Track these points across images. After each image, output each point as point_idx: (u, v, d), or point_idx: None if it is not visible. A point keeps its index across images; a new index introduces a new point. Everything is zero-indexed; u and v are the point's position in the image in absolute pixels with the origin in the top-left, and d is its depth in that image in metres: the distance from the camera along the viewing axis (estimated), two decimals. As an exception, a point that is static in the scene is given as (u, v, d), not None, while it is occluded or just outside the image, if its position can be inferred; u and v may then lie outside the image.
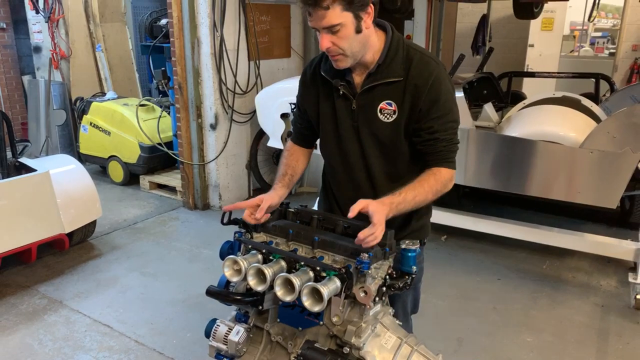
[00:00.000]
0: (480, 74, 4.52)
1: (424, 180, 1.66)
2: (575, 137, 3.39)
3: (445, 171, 1.69)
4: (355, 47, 1.60)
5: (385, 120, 1.69)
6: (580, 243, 3.61)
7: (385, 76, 1.66)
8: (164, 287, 3.59)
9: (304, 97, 1.88)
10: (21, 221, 3.50)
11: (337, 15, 1.51)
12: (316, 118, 1.84)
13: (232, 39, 4.74)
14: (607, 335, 3.07)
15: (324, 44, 1.57)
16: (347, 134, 1.76)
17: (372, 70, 1.67)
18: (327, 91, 1.77)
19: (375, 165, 1.76)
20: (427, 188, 1.64)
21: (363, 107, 1.71)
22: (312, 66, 1.84)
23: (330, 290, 1.46)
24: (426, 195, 1.64)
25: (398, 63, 1.65)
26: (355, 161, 1.79)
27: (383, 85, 1.67)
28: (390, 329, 1.64)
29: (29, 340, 2.97)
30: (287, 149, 1.99)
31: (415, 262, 1.63)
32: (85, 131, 5.89)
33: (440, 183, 1.68)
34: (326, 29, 1.55)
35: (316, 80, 1.80)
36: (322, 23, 1.53)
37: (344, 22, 1.53)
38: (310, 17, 1.55)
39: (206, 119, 4.82)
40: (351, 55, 1.62)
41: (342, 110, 1.75)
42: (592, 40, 10.37)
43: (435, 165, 1.70)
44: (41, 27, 6.39)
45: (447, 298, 3.45)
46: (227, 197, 5.10)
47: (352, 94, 1.72)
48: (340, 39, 1.56)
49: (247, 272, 1.57)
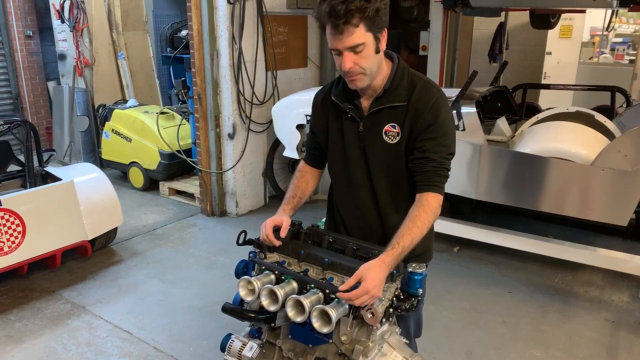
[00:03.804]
0: (494, 88, 4.55)
1: (416, 218, 1.69)
2: (586, 155, 3.42)
3: (432, 198, 1.73)
4: (374, 66, 1.71)
5: (390, 142, 1.80)
6: (592, 258, 3.63)
7: (391, 100, 1.77)
8: (181, 294, 3.71)
9: (315, 120, 2.01)
10: (47, 228, 3.65)
11: (362, 35, 1.62)
12: (325, 140, 1.96)
13: (250, 51, 4.85)
14: (616, 351, 3.09)
15: (347, 64, 1.66)
16: (354, 154, 1.87)
17: (379, 94, 1.79)
18: (337, 114, 1.90)
19: (380, 185, 1.86)
20: (420, 225, 1.69)
21: (370, 129, 1.82)
22: (323, 92, 1.97)
23: (339, 312, 1.55)
24: (421, 231, 1.69)
25: (402, 89, 1.77)
26: (361, 181, 1.89)
27: (388, 109, 1.78)
28: (396, 349, 1.72)
29: (53, 344, 3.12)
30: (299, 169, 2.09)
31: (421, 285, 1.70)
32: (107, 137, 6.07)
33: (431, 213, 1.72)
34: (350, 48, 1.64)
35: (326, 105, 1.93)
36: (348, 42, 1.62)
37: (366, 41, 1.63)
38: (335, 37, 1.63)
39: (224, 128, 4.94)
40: (369, 75, 1.71)
41: (350, 132, 1.86)
42: (613, 46, 10.25)
43: (423, 189, 1.75)
44: (66, 36, 6.60)
45: (457, 311, 3.50)
46: (244, 204, 5.21)
47: (359, 116, 1.83)
48: (361, 59, 1.66)
49: (261, 292, 1.66)
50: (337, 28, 1.61)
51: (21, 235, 3.50)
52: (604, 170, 3.24)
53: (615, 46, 10.07)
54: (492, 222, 4.11)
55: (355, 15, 1.58)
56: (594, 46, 9.83)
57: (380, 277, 1.55)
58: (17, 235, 3.48)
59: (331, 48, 1.68)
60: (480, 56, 7.54)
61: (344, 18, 1.58)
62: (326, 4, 1.60)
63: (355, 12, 1.58)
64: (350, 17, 1.58)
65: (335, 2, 1.58)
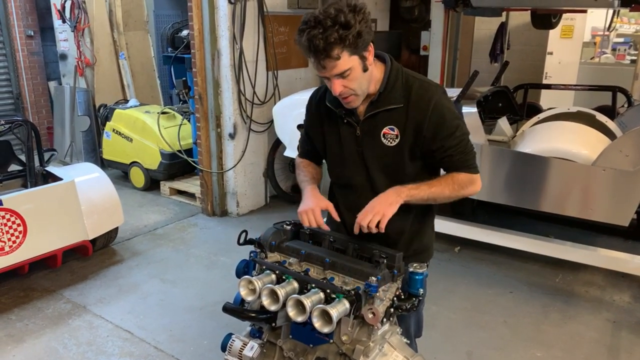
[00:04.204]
0: (495, 88, 4.55)
1: (441, 178, 1.78)
2: (587, 155, 3.41)
3: (463, 175, 1.79)
4: (364, 85, 1.71)
5: (389, 144, 1.79)
6: (594, 258, 3.63)
7: (387, 103, 1.76)
8: (182, 294, 3.71)
9: (310, 124, 2.01)
10: (48, 228, 3.66)
11: (346, 61, 1.61)
12: (322, 145, 1.96)
13: (251, 51, 4.85)
14: (617, 352, 3.09)
15: (337, 89, 1.67)
16: (352, 158, 1.87)
17: (374, 98, 1.77)
18: (333, 119, 1.88)
19: (381, 186, 1.84)
20: (443, 184, 1.76)
21: (367, 133, 1.82)
22: (318, 96, 1.95)
23: (340, 312, 1.54)
24: (442, 189, 1.76)
25: (398, 90, 1.76)
26: (361, 183, 1.89)
27: (385, 112, 1.78)
28: (397, 349, 1.72)
29: (54, 344, 3.12)
30: (301, 162, 2.10)
31: (422, 285, 1.70)
32: (108, 137, 6.07)
33: (457, 183, 1.78)
34: (336, 75, 1.64)
35: (321, 109, 1.91)
36: (334, 72, 1.63)
37: (352, 66, 1.62)
38: (321, 67, 1.63)
39: (225, 128, 4.94)
40: (361, 94, 1.73)
41: (347, 136, 1.85)
42: (614, 46, 10.23)
43: (454, 170, 1.81)
44: (67, 36, 6.60)
45: (458, 311, 3.49)
46: (245, 204, 5.21)
47: (356, 121, 1.82)
48: (350, 81, 1.66)
49: (261, 292, 1.66)
50: (320, 62, 1.61)
51: (22, 235, 3.50)
52: (605, 170, 3.24)
53: (617, 46, 10.05)
54: (493, 222, 4.10)
55: (336, 47, 1.56)
56: (595, 46, 9.81)
57: (389, 199, 1.67)
58: (18, 235, 3.48)
59: (318, 74, 1.68)
60: (481, 56, 7.53)
61: (324, 53, 1.57)
62: (305, 37, 1.57)
63: (335, 45, 1.55)
64: (330, 50, 1.56)
65: (313, 35, 1.55)
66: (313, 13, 1.58)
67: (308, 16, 1.59)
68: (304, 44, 1.58)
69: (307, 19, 1.58)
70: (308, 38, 1.56)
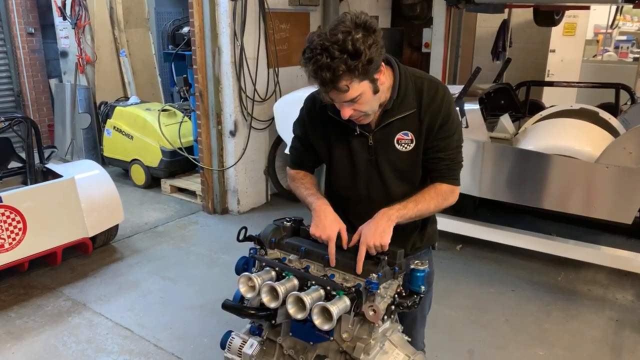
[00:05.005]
0: (497, 85, 4.52)
1: (425, 192, 1.74)
2: (591, 152, 3.39)
3: (445, 186, 1.76)
4: (375, 105, 1.63)
5: (403, 150, 1.73)
6: (596, 256, 3.61)
7: (401, 111, 1.69)
8: (183, 291, 3.69)
9: (309, 135, 1.86)
10: (48, 225, 3.64)
11: (356, 89, 1.51)
12: (327, 156, 1.84)
13: (252, 48, 4.83)
14: (620, 350, 3.06)
15: (346, 113, 1.58)
16: (364, 167, 1.78)
17: (388, 106, 1.69)
18: (339, 130, 1.76)
19: (396, 191, 1.79)
20: (427, 198, 1.72)
21: (380, 142, 1.74)
22: (317, 107, 1.78)
23: (340, 309, 1.52)
24: (428, 204, 1.71)
25: (410, 95, 1.69)
26: (375, 189, 1.81)
27: (399, 119, 1.70)
28: (398, 346, 1.70)
29: (53, 341, 3.10)
30: (296, 174, 1.96)
31: (424, 282, 1.68)
32: (109, 135, 6.05)
33: (440, 195, 1.74)
34: (346, 102, 1.55)
35: (324, 118, 1.76)
36: (342, 99, 1.54)
37: (363, 90, 1.53)
38: (327, 95, 1.55)
39: (226, 126, 4.92)
40: (372, 113, 1.65)
41: (359, 146, 1.76)
42: (617, 44, 10.19)
43: (438, 180, 1.77)
44: (68, 33, 6.59)
45: (459, 309, 3.47)
46: (246, 202, 5.19)
47: (367, 131, 1.73)
48: (361, 105, 1.57)
49: (261, 289, 1.64)
50: (327, 93, 1.53)
51: (22, 232, 3.49)
52: (609, 167, 3.21)
53: (619, 44, 10.00)
54: (494, 220, 4.09)
55: (344, 79, 1.45)
56: (597, 44, 9.77)
57: (380, 226, 1.61)
58: (17, 232, 3.47)
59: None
60: (483, 54, 7.49)
61: (331, 85, 1.47)
62: (311, 66, 1.45)
63: (343, 77, 1.45)
64: (337, 82, 1.46)
65: (319, 65, 1.43)
66: (320, 36, 1.45)
67: (314, 40, 1.45)
68: (310, 73, 1.47)
69: (313, 44, 1.45)
70: (315, 69, 1.45)
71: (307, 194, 1.85)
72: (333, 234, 1.67)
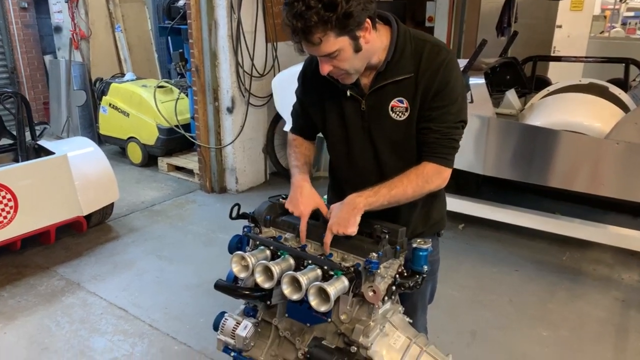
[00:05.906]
0: (503, 59, 4.38)
1: (404, 175, 1.58)
2: (600, 128, 3.27)
3: (430, 166, 1.59)
4: (357, 64, 1.51)
5: (398, 119, 1.60)
6: (602, 235, 3.52)
7: (396, 74, 1.56)
8: (179, 271, 3.62)
9: (306, 96, 1.79)
10: (40, 203, 3.55)
11: (332, 43, 1.41)
12: (322, 121, 1.75)
13: (249, 21, 4.67)
14: (626, 331, 2.99)
15: (324, 69, 1.50)
16: (357, 135, 1.68)
17: (381, 68, 1.57)
18: (332, 93, 1.66)
19: (389, 165, 1.68)
20: (405, 182, 1.57)
21: (373, 107, 1.62)
22: (313, 64, 1.69)
23: (338, 290, 1.43)
24: (404, 189, 1.56)
25: (407, 58, 1.55)
26: (368, 162, 1.71)
27: (393, 84, 1.58)
28: (399, 329, 1.61)
29: (47, 321, 3.04)
30: (293, 140, 1.92)
31: (426, 262, 1.58)
32: (105, 112, 5.93)
33: (421, 177, 1.58)
34: (323, 56, 1.46)
35: (318, 80, 1.65)
36: (318, 53, 1.45)
37: (340, 47, 1.42)
38: (300, 46, 1.46)
39: (223, 102, 4.80)
40: (355, 72, 1.53)
41: (351, 111, 1.66)
42: (624, 20, 9.99)
43: (425, 159, 1.61)
44: (61, 7, 6.42)
45: (462, 289, 3.40)
46: (244, 180, 5.10)
47: (360, 94, 1.62)
48: (340, 62, 1.47)
49: (255, 268, 1.55)
50: (299, 43, 1.43)
51: (13, 210, 3.40)
52: (619, 143, 3.10)
53: (627, 20, 9.82)
54: (498, 198, 3.98)
55: (316, 30, 1.36)
56: (605, 20, 9.57)
57: (343, 215, 1.53)
58: (9, 210, 3.38)
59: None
60: (488, 30, 7.30)
61: (302, 35, 1.38)
62: (285, 16, 1.38)
63: (315, 28, 1.36)
64: (308, 33, 1.37)
65: (293, 13, 1.35)
66: None
67: None
68: (285, 20, 1.39)
69: None
70: (287, 16, 1.37)
71: (292, 165, 1.84)
72: (306, 211, 1.63)
